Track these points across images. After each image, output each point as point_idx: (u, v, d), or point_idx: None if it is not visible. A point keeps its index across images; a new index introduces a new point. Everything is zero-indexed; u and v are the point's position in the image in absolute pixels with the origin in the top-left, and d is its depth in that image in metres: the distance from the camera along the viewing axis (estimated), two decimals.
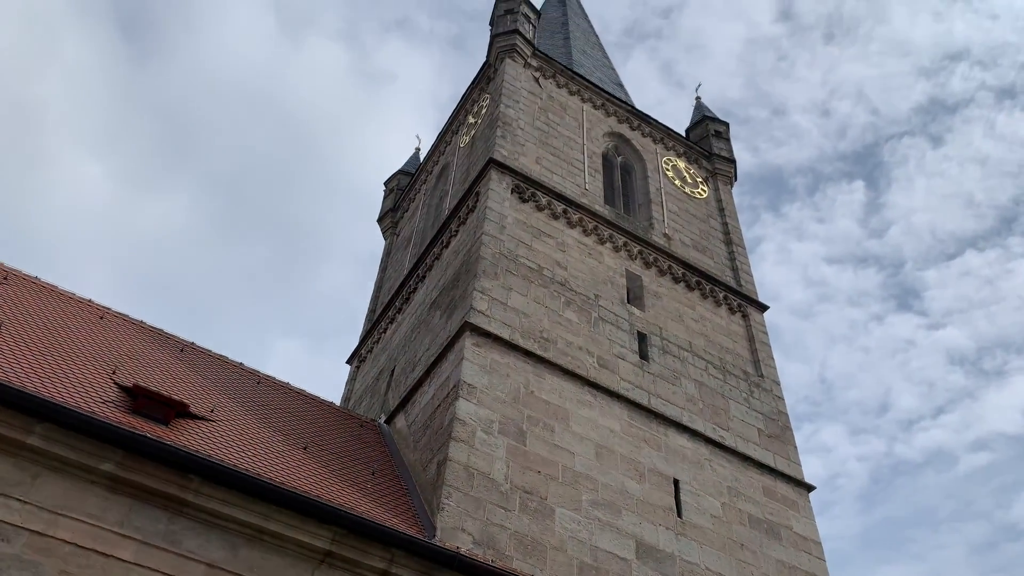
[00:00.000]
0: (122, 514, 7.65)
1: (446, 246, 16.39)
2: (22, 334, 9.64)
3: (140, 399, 9.05)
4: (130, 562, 7.43)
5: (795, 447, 14.70)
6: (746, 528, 12.53)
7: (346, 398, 18.41)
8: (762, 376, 15.78)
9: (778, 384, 15.86)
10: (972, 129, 63.20)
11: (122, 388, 9.30)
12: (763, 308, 17.55)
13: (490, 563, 9.04)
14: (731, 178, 21.33)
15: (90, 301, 12.22)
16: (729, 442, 13.74)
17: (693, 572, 11.35)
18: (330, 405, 13.78)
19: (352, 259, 66.59)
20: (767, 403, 15.22)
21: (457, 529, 9.77)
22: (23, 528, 7.15)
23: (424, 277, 17.04)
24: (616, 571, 10.66)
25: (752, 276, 18.36)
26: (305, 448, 10.62)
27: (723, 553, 11.89)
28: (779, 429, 14.85)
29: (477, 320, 12.55)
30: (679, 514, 12.02)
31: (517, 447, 11.24)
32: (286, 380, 13.48)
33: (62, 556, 7.18)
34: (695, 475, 12.76)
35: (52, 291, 11.85)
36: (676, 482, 12.44)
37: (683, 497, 12.29)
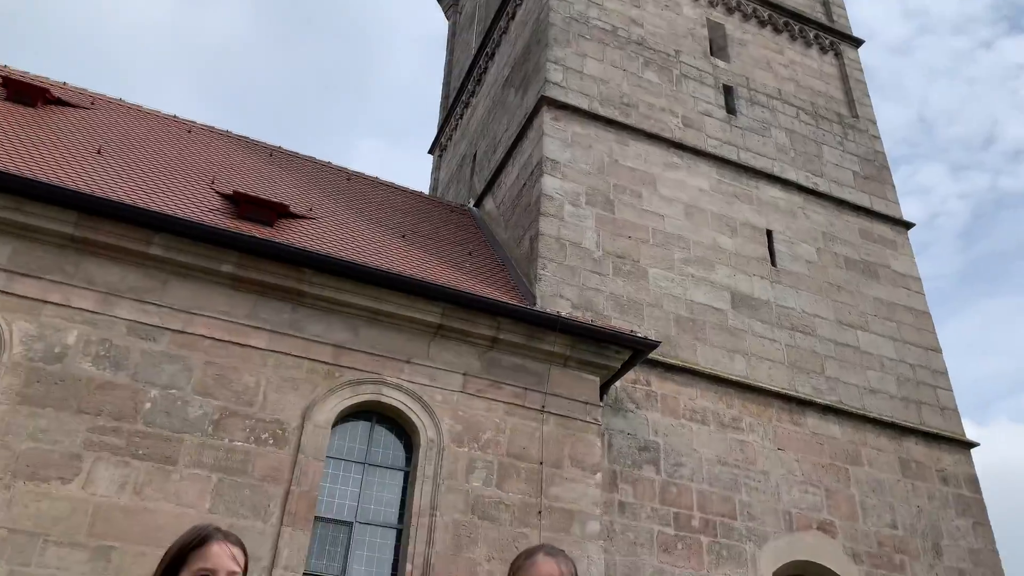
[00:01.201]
0: (249, 308, 8.32)
1: (512, 17, 15.63)
2: (121, 155, 10.05)
3: (243, 204, 9.48)
4: (264, 349, 8.18)
5: (892, 186, 14.26)
6: (842, 270, 12.57)
7: (433, 187, 18.75)
8: (857, 117, 15.02)
9: (874, 123, 15.09)
10: None
11: (223, 196, 9.73)
12: (857, 43, 16.31)
13: (590, 322, 9.49)
14: None
15: (175, 117, 12.50)
16: (823, 188, 13.44)
17: (789, 316, 11.63)
18: (419, 194, 14.09)
19: (419, 46, 64.64)
20: (862, 144, 14.61)
21: (556, 296, 10.21)
22: (164, 328, 7.90)
23: (493, 55, 16.47)
24: (713, 321, 11.04)
25: (844, 9, 16.89)
26: (403, 236, 11.04)
27: (819, 296, 12.07)
28: (875, 170, 14.35)
29: (553, 93, 12.23)
30: (773, 263, 12.12)
31: (606, 216, 11.35)
32: (374, 175, 13.75)
33: (204, 349, 7.96)
34: (788, 224, 12.67)
35: (139, 111, 12.14)
36: (769, 233, 12.42)
37: (777, 247, 12.32)
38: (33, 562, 6.47)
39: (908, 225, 13.76)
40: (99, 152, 9.79)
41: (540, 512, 8.27)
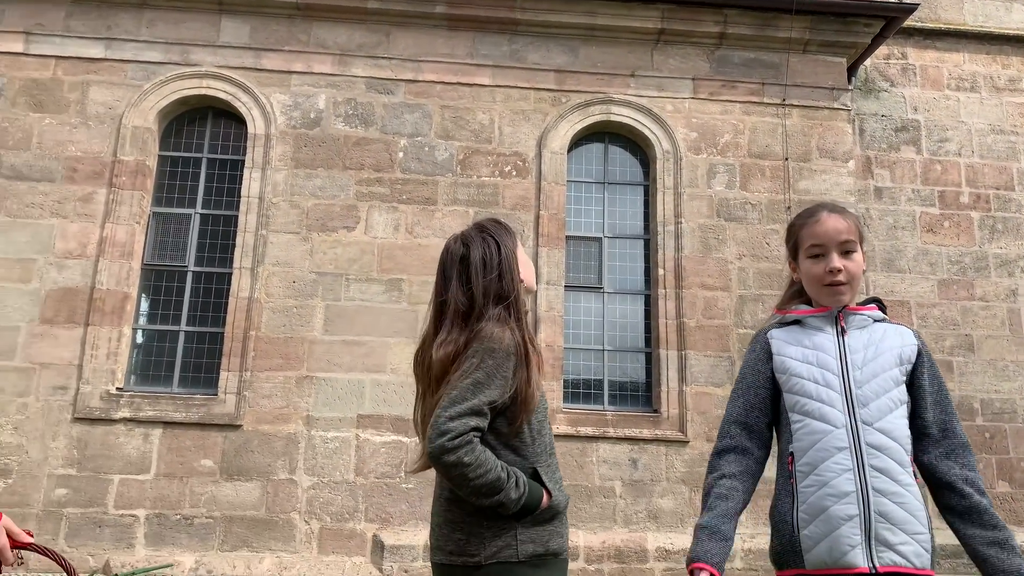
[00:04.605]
0: (469, 47, 8.38)
1: None
2: None
3: None
4: (491, 85, 8.31)
5: None
6: None
7: None
8: None
9: None
10: None
11: None
12: None
13: None
14: None
15: None
16: None
17: None
18: None
19: None
20: None
21: None
22: (398, 80, 8.25)
23: None
24: None
25: None
26: None
27: None
28: None
29: None
30: None
31: None
32: None
33: (436, 94, 8.26)
34: None
35: None
36: None
37: None
38: (342, 297, 7.64)
39: None
40: None
41: (789, 207, 8.10)
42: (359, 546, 7.09)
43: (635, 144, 8.52)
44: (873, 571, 1.87)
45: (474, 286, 2.08)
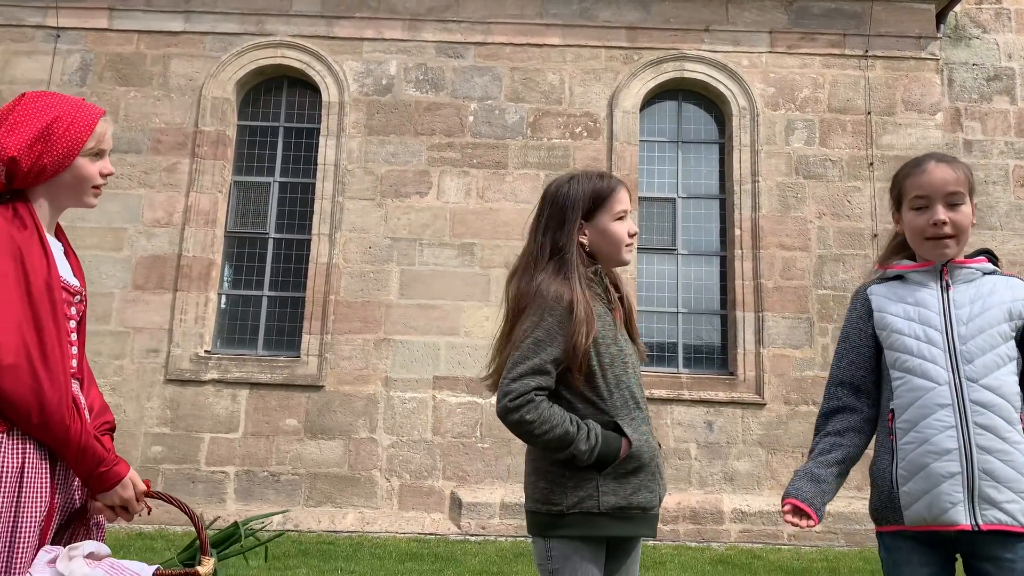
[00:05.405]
0: (538, 7, 8.28)
1: None
2: None
3: None
4: (561, 45, 8.21)
5: None
6: None
7: None
8: None
9: None
10: None
11: None
12: None
13: None
14: None
15: None
16: None
17: None
18: None
19: None
20: None
21: None
22: (468, 43, 8.23)
23: None
24: None
25: None
26: None
27: None
28: None
29: None
30: None
31: None
32: None
33: (506, 56, 8.21)
34: None
35: None
36: None
37: None
38: (416, 262, 7.76)
39: None
40: None
41: (871, 164, 7.81)
42: (437, 503, 7.29)
43: (710, 101, 8.32)
44: (975, 528, 1.84)
45: (537, 226, 2.12)
